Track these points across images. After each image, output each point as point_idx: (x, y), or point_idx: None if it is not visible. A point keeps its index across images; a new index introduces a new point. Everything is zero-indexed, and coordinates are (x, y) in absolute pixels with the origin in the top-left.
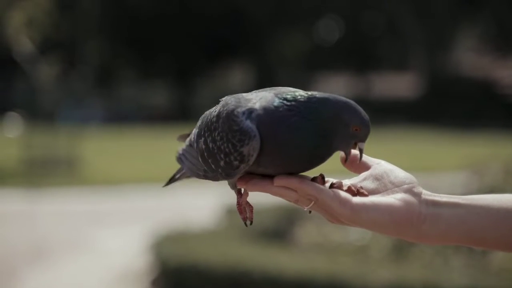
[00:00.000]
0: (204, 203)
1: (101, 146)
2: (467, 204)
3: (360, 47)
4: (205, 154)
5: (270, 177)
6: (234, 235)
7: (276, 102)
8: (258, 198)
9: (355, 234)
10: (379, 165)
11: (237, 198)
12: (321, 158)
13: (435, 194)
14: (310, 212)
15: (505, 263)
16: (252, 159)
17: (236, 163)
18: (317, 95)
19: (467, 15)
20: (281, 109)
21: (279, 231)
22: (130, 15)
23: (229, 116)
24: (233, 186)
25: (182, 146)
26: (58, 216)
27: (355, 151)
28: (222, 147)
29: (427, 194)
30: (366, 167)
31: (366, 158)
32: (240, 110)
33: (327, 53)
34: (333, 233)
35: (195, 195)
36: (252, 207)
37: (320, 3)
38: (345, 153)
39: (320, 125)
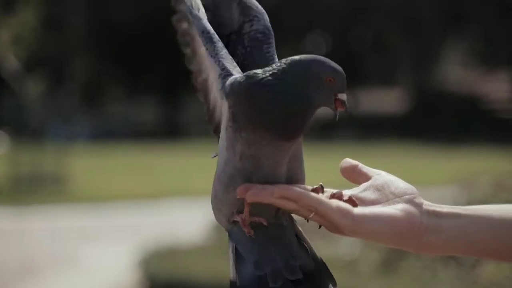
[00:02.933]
0: (192, 219)
1: (89, 163)
2: (468, 214)
3: (347, 62)
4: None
5: (270, 187)
6: (223, 251)
7: (250, 72)
8: None
9: (344, 249)
10: (379, 176)
11: (239, 217)
12: (296, 115)
13: (436, 205)
14: (307, 221)
15: (494, 276)
16: None
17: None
18: (288, 58)
19: (454, 30)
20: (255, 73)
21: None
22: (117, 32)
23: None
24: (233, 215)
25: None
26: (46, 233)
27: (353, 162)
28: None
29: (428, 205)
30: (366, 177)
31: (366, 168)
32: None
33: None
34: (322, 248)
35: (184, 210)
36: (258, 218)
37: (308, 19)
38: (331, 108)
39: (290, 82)
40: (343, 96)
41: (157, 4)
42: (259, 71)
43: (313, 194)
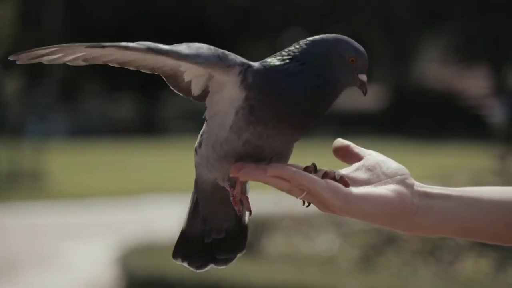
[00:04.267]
0: (171, 215)
1: (67, 160)
2: (458, 196)
3: None
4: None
5: (263, 166)
6: None
7: (267, 61)
8: None
9: (323, 245)
10: (371, 156)
11: (230, 191)
12: (324, 99)
13: (428, 186)
14: (303, 203)
15: (473, 273)
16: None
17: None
18: (309, 38)
19: (432, 26)
20: (276, 62)
21: (247, 242)
22: (94, 29)
23: None
24: (223, 180)
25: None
26: (25, 230)
27: (345, 142)
28: None
29: (420, 186)
30: (358, 157)
31: (358, 149)
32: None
33: None
34: (301, 244)
35: (162, 207)
36: (247, 197)
37: (286, 16)
38: (358, 87)
39: (314, 65)
40: (363, 77)
41: (132, 1)
42: (273, 59)
43: (306, 173)
